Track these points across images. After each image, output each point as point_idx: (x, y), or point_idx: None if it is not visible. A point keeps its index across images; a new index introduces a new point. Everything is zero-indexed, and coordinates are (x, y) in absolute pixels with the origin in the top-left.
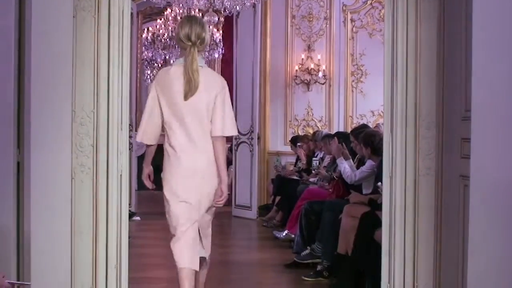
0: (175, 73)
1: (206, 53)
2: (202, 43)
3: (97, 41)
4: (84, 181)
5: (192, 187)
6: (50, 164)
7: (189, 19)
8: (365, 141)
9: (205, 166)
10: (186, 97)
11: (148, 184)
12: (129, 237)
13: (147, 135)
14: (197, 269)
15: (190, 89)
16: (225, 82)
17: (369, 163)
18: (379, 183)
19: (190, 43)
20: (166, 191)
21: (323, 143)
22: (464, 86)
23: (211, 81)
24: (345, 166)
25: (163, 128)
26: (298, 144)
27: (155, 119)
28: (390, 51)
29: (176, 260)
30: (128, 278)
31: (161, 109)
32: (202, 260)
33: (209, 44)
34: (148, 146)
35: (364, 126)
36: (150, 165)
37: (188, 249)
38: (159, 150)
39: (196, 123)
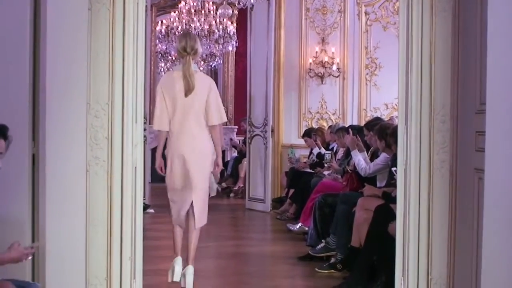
0: (176, 76)
1: (220, 45)
2: (195, 53)
3: (112, 34)
4: (98, 174)
5: (188, 163)
6: (65, 157)
7: (185, 35)
8: (380, 134)
9: (199, 147)
10: (186, 95)
11: (161, 172)
12: (143, 230)
13: (163, 124)
14: (183, 226)
15: (189, 88)
16: (213, 82)
17: (383, 156)
18: (394, 168)
19: (186, 53)
20: (168, 165)
21: (337, 136)
22: (479, 79)
23: (203, 82)
24: (360, 159)
25: None
26: (313, 133)
27: (165, 112)
28: (405, 44)
29: (173, 219)
30: (143, 270)
31: (166, 104)
32: (193, 228)
33: (201, 54)
34: (161, 133)
35: (378, 119)
36: (161, 158)
37: (182, 211)
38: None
39: (193, 114)
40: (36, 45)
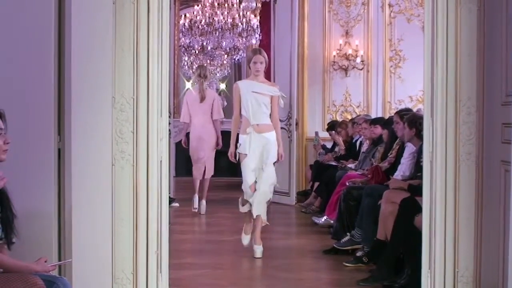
0: (195, 91)
1: (244, 39)
2: (206, 78)
3: (136, 28)
4: (124, 168)
5: (203, 142)
6: (91, 151)
7: (199, 67)
8: (411, 122)
9: (209, 133)
10: (200, 102)
11: (184, 145)
12: (169, 223)
13: (186, 118)
14: (201, 178)
15: (202, 98)
16: (216, 94)
17: (408, 151)
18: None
19: (200, 78)
20: (191, 141)
21: (366, 126)
22: (504, 71)
23: (210, 95)
24: (398, 176)
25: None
26: (338, 129)
27: (187, 112)
28: (430, 36)
29: (193, 174)
30: (169, 264)
31: (189, 108)
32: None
33: (209, 78)
34: (186, 124)
35: (411, 110)
36: (185, 137)
37: (199, 170)
38: None
39: (204, 113)
40: (61, 39)
